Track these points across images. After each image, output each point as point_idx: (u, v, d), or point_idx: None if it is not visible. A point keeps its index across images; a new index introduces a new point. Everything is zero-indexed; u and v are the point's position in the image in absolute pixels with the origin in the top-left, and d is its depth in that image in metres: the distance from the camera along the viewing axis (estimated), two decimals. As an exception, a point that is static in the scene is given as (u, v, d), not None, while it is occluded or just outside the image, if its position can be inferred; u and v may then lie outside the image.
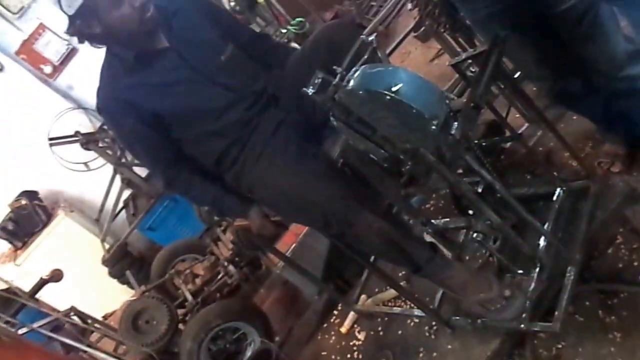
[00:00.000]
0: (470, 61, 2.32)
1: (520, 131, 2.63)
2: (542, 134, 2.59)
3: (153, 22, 1.94)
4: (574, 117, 2.54)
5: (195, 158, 2.13)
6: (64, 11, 1.88)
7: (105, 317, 3.88)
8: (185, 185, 2.13)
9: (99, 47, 2.03)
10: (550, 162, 2.48)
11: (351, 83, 1.50)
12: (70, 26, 1.92)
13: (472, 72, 2.55)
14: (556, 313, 1.88)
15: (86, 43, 2.00)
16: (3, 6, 5.10)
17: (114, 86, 2.02)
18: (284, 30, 5.31)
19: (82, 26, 1.91)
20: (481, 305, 1.98)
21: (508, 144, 2.65)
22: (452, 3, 2.11)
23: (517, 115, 2.81)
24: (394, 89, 1.42)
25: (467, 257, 2.28)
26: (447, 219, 2.51)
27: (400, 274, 2.59)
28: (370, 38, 1.62)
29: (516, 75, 2.49)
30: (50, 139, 4.65)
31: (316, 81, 1.59)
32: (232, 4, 5.34)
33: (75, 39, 1.96)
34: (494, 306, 1.95)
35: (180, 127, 2.06)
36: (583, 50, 1.93)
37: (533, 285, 1.95)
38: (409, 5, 4.67)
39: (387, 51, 3.60)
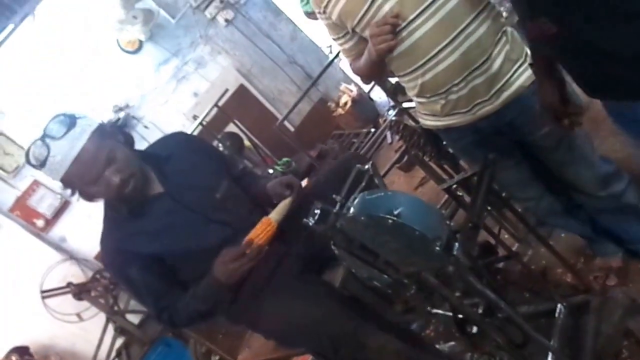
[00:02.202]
0: (455, 186, 2.41)
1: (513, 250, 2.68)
2: (534, 252, 2.64)
3: (135, 192, 1.94)
4: (562, 235, 2.60)
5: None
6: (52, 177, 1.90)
7: None
8: (183, 318, 2.06)
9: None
10: (547, 279, 2.51)
11: (351, 210, 1.55)
12: (63, 186, 1.96)
13: (460, 196, 2.65)
14: None
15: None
16: (-2, 166, 5.26)
17: (115, 236, 2.03)
18: (271, 171, 5.50)
19: (70, 190, 1.94)
20: None
21: (502, 264, 2.68)
22: (435, 133, 2.21)
23: (507, 236, 2.87)
24: (395, 212, 1.46)
25: (477, 382, 2.22)
26: (452, 343, 2.47)
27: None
28: (366, 166, 1.69)
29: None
30: (43, 292, 4.61)
31: (316, 211, 1.63)
32: (221, 148, 5.55)
33: (69, 192, 1.99)
34: None
35: (181, 265, 2.07)
36: (563, 173, 2.03)
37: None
38: (389, 139, 4.93)
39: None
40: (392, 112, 4.45)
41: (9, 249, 5.10)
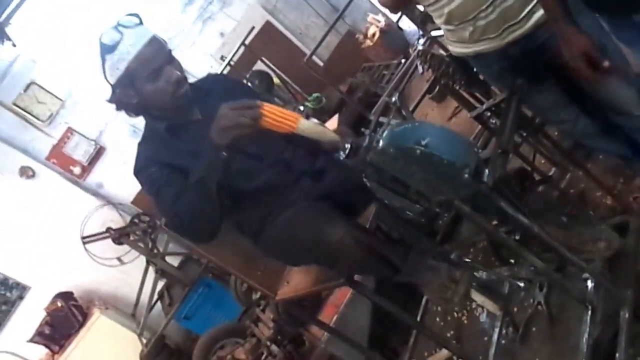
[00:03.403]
0: (489, 114, 2.35)
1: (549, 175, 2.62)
2: (572, 176, 2.57)
3: (185, 98, 2.04)
4: (601, 157, 2.53)
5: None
6: (106, 79, 1.98)
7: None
8: (180, 204, 1.99)
9: (133, 117, 2.13)
10: (585, 202, 2.46)
11: (380, 143, 1.52)
12: (111, 95, 2.03)
13: (493, 123, 2.58)
14: (617, 356, 1.81)
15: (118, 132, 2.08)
16: (33, 115, 5.33)
17: (150, 151, 2.11)
18: (302, 107, 5.46)
19: (120, 95, 2.01)
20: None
21: (540, 188, 2.63)
22: (464, 60, 2.16)
23: (543, 161, 2.81)
24: (423, 142, 1.44)
25: (515, 309, 2.23)
26: (490, 271, 2.47)
27: (448, 334, 2.53)
28: (393, 99, 1.65)
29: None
30: (83, 238, 4.73)
31: (346, 146, 1.62)
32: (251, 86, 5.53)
33: (102, 138, 2.04)
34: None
35: None
36: (598, 93, 1.96)
37: (587, 330, 1.89)
38: (420, 70, 4.81)
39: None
40: (421, 42, 4.33)
41: (47, 197, 5.24)
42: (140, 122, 2.17)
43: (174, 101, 2.02)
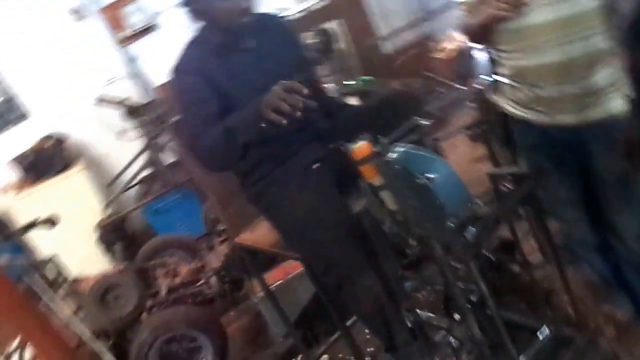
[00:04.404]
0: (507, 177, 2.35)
1: (530, 259, 2.64)
2: (552, 271, 2.59)
3: (244, 26, 2.09)
4: (586, 267, 2.55)
5: None
6: None
7: (76, 280, 3.89)
8: (206, 136, 2.05)
9: (192, 19, 2.16)
10: (549, 300, 2.49)
11: (392, 155, 1.55)
12: None
13: (506, 187, 2.59)
14: None
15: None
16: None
17: (194, 57, 2.15)
18: (348, 82, 5.43)
19: None
20: None
21: (515, 267, 2.65)
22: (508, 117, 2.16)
23: (534, 244, 2.82)
24: (428, 175, 1.46)
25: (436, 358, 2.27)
26: (432, 315, 2.51)
27: (368, 349, 2.59)
28: (426, 122, 1.68)
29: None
30: (100, 96, 4.77)
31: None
32: (311, 41, 5.48)
33: (159, 18, 2.08)
34: None
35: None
36: (609, 212, 1.97)
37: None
38: (469, 104, 4.79)
39: (437, 137, 3.66)
40: (485, 79, 4.30)
41: (85, 46, 5.27)
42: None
43: (233, 25, 2.07)
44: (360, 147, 1.67)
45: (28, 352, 2.75)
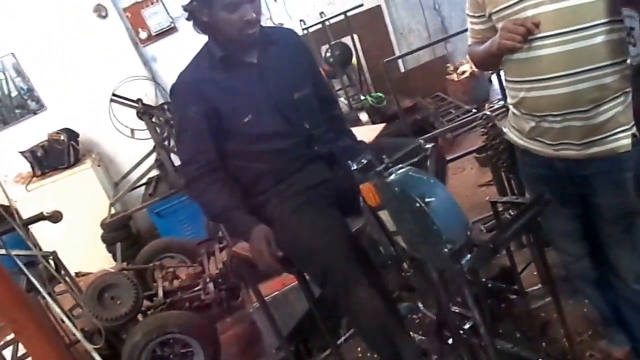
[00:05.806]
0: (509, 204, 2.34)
1: (529, 290, 2.63)
2: (549, 303, 2.57)
3: (250, 39, 2.09)
4: (586, 301, 2.53)
5: (231, 170, 2.22)
6: None
7: (78, 275, 3.90)
8: (202, 188, 2.14)
9: (198, 32, 2.17)
10: (545, 332, 2.46)
11: (392, 177, 1.54)
12: (188, 3, 2.09)
13: (508, 214, 2.58)
14: None
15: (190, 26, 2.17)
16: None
17: (195, 74, 2.17)
18: (362, 97, 5.45)
19: (196, 7, 2.08)
20: None
21: (512, 296, 2.64)
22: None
23: (535, 273, 2.81)
24: (426, 199, 1.45)
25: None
26: (424, 338, 2.49)
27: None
28: (428, 145, 1.67)
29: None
30: (114, 95, 4.80)
31: (362, 160, 1.64)
32: (328, 54, 5.50)
33: (179, 21, 2.11)
34: None
35: (233, 136, 2.16)
36: (609, 249, 1.95)
37: None
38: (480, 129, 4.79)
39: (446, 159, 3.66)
40: (498, 104, 4.28)
41: (105, 43, 5.32)
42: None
43: (239, 37, 2.07)
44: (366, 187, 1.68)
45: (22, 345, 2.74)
